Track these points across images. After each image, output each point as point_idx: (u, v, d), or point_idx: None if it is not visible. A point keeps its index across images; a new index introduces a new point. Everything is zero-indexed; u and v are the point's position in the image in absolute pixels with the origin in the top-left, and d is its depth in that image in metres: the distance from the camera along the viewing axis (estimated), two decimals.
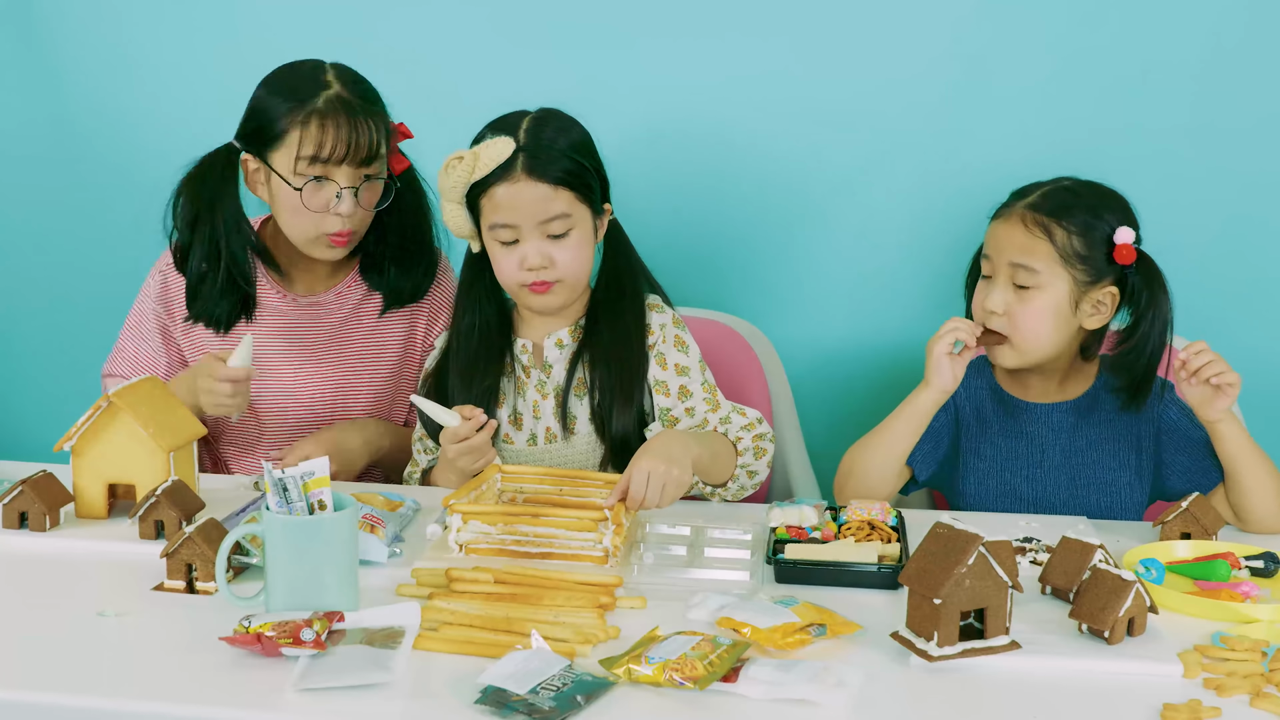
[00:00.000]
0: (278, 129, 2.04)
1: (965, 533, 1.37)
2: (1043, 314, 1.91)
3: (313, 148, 2.02)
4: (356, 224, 2.10)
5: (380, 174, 2.09)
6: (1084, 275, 1.90)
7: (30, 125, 2.71)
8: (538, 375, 2.03)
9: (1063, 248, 1.89)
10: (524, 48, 2.53)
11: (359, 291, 2.22)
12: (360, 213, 2.08)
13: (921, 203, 2.48)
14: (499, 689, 1.26)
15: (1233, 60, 2.36)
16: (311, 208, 2.05)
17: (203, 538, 1.55)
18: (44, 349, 2.82)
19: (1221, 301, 2.40)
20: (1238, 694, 1.31)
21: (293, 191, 2.04)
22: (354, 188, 2.05)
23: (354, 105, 2.03)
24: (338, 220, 2.07)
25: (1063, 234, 1.89)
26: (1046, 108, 2.42)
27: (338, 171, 2.04)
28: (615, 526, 1.62)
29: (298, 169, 2.04)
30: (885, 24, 2.44)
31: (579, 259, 1.96)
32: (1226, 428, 1.85)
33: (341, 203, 2.05)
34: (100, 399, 1.77)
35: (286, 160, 2.04)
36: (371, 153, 2.05)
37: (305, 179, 2.03)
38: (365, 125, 2.03)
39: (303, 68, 2.08)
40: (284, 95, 2.04)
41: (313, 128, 2.01)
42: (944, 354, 1.89)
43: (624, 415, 1.96)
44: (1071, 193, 1.93)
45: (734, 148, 2.51)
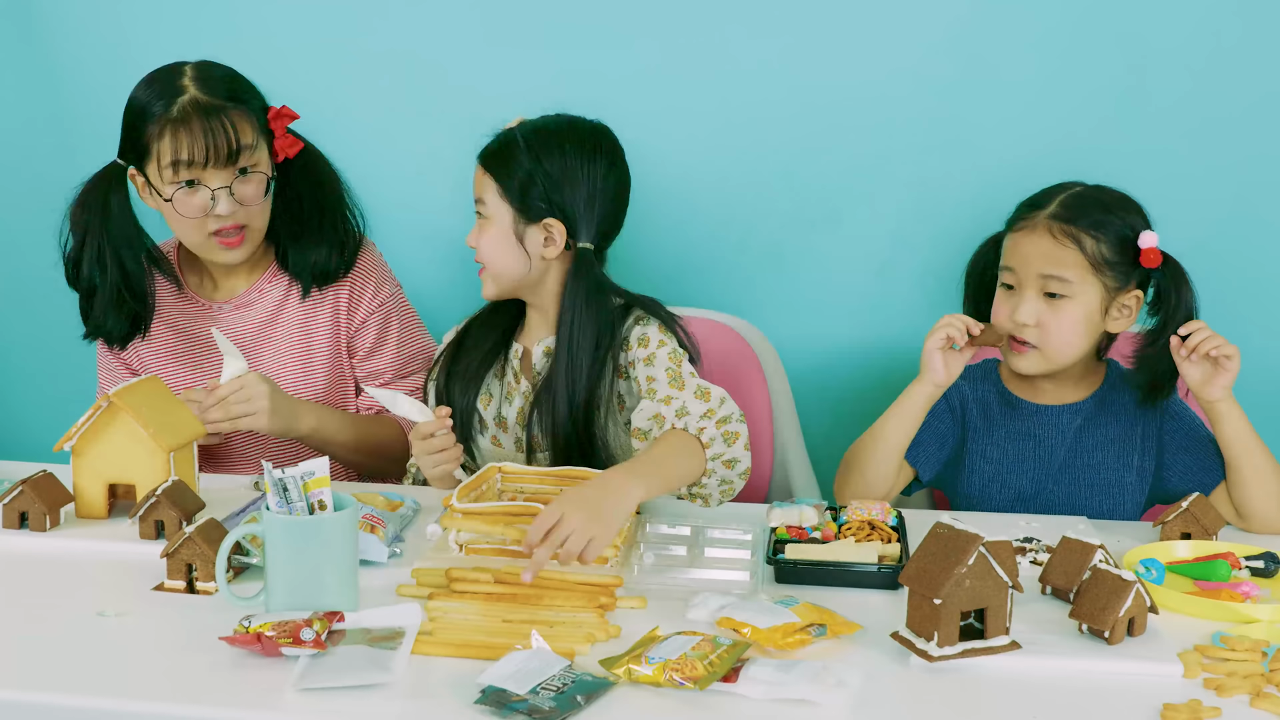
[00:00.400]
0: (143, 142, 2.05)
1: (965, 533, 1.37)
2: (1076, 323, 1.92)
3: (171, 155, 2.02)
4: (246, 219, 2.09)
5: (255, 165, 2.07)
6: (1113, 281, 1.91)
7: (30, 124, 2.71)
8: (526, 384, 2.03)
9: (1093, 255, 1.89)
10: (523, 48, 2.53)
11: (280, 285, 2.22)
12: (244, 209, 2.08)
13: (921, 203, 2.48)
14: (499, 689, 1.26)
15: (1231, 58, 2.36)
16: (187, 214, 2.05)
17: (202, 538, 1.55)
18: (44, 349, 2.82)
19: (1221, 301, 2.39)
20: (1238, 694, 1.31)
21: (167, 204, 2.06)
22: (226, 187, 2.04)
23: (209, 106, 2.02)
24: (220, 222, 2.07)
25: (1092, 242, 1.89)
26: (1045, 108, 2.42)
27: (205, 174, 2.03)
28: None
29: (165, 178, 2.04)
30: (884, 25, 2.44)
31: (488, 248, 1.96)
32: (1228, 408, 1.85)
33: (217, 204, 2.05)
34: (100, 399, 1.77)
35: (155, 170, 2.05)
36: (234, 150, 2.03)
37: (176, 186, 2.04)
38: (223, 124, 2.02)
39: (160, 76, 2.06)
40: (142, 107, 2.04)
41: (168, 137, 2.01)
42: (935, 349, 1.90)
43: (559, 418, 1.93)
44: (1090, 199, 1.93)
45: (734, 149, 2.51)
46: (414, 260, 2.49)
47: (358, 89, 2.58)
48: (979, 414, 2.04)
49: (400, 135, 2.58)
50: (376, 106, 2.58)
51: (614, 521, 1.56)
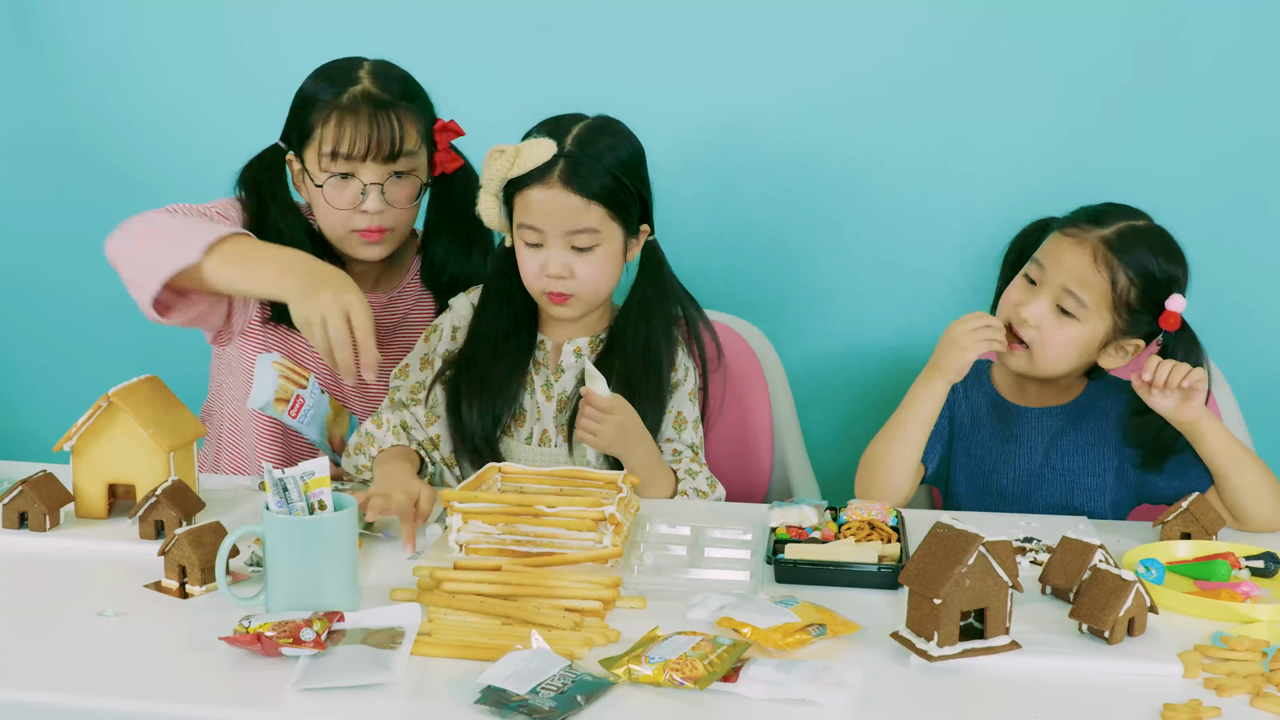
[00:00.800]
0: (307, 126, 2.04)
1: (965, 533, 1.37)
2: (1072, 343, 1.91)
3: (332, 143, 2.01)
4: (390, 221, 2.07)
5: (412, 170, 2.07)
6: (1124, 325, 1.90)
7: (31, 126, 2.71)
8: (546, 375, 2.03)
9: (1120, 293, 1.88)
10: (523, 49, 2.54)
11: (411, 294, 2.21)
12: (392, 210, 2.06)
13: (922, 203, 2.48)
14: (499, 689, 1.26)
15: (1233, 58, 2.36)
16: (335, 205, 2.05)
17: (190, 542, 1.54)
18: (44, 349, 2.82)
19: (1222, 301, 2.40)
20: (1238, 694, 1.31)
21: (318, 190, 2.05)
22: (379, 184, 2.04)
23: (379, 100, 2.02)
24: (365, 217, 2.05)
25: (1125, 281, 1.88)
26: (1048, 110, 2.42)
27: (362, 168, 2.03)
28: (615, 527, 1.62)
29: (322, 165, 2.04)
30: (888, 31, 2.44)
31: (601, 276, 1.95)
32: (1206, 425, 1.85)
33: (367, 199, 2.04)
34: (100, 399, 1.77)
35: (314, 157, 2.04)
36: (395, 149, 2.02)
37: (330, 175, 2.03)
38: (389, 121, 2.01)
39: (336, 66, 2.07)
40: (314, 92, 2.04)
41: (333, 124, 2.01)
42: (976, 355, 1.88)
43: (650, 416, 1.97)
44: (1146, 239, 1.90)
45: (734, 150, 2.51)
46: None
47: None
48: (966, 410, 2.05)
49: None
50: None
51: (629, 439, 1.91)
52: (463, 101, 2.54)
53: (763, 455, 2.30)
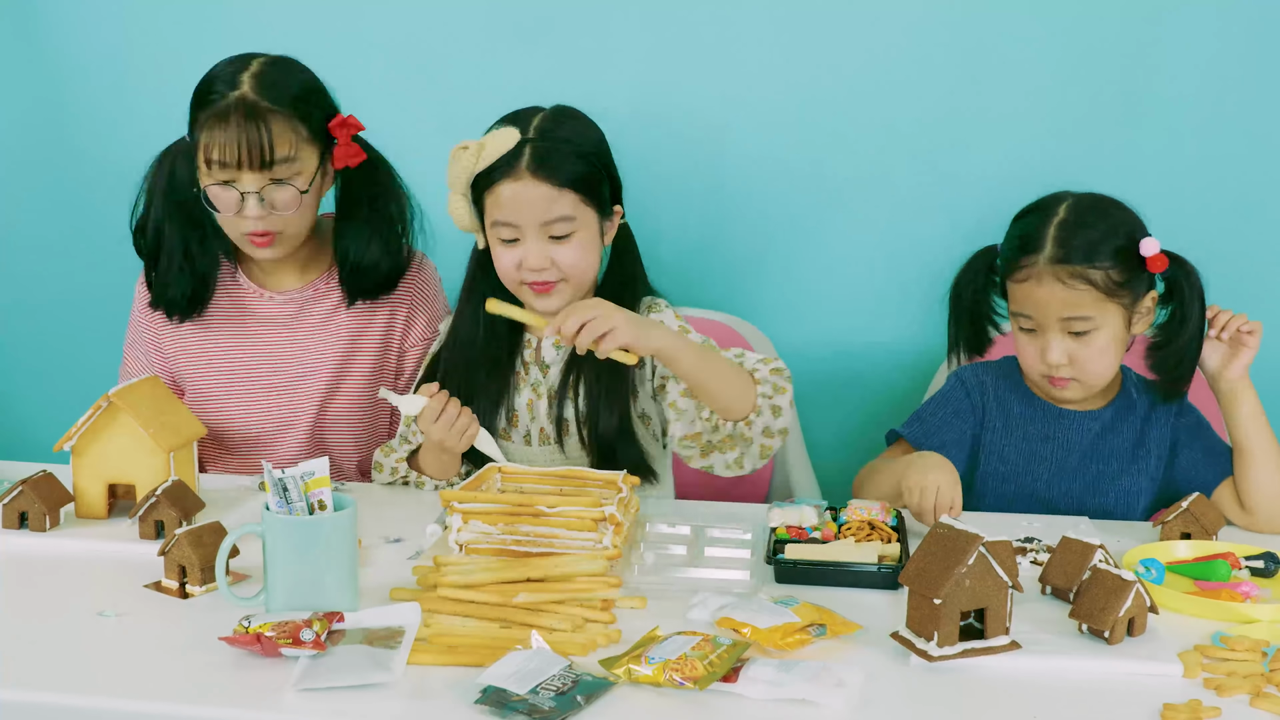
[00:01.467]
0: (193, 129, 2.04)
1: (965, 533, 1.37)
2: (1106, 349, 1.91)
3: (205, 151, 2.00)
4: (277, 225, 2.05)
5: (293, 175, 2.04)
6: (1129, 298, 1.90)
7: (31, 125, 2.71)
8: (535, 373, 2.03)
9: (1105, 286, 1.88)
10: (523, 46, 2.53)
11: (336, 291, 2.20)
12: (277, 214, 2.05)
13: (921, 204, 2.48)
14: (499, 689, 1.26)
15: (1233, 57, 2.36)
16: (219, 209, 2.03)
17: (190, 542, 1.55)
18: (44, 349, 2.82)
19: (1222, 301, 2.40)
20: (1238, 694, 1.31)
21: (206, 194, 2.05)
22: (257, 192, 2.01)
23: (252, 108, 1.99)
24: (249, 222, 2.04)
25: (1101, 275, 1.87)
26: (1047, 108, 2.42)
27: (239, 175, 2.00)
28: (615, 527, 1.62)
29: (204, 170, 2.03)
30: (886, 27, 2.44)
31: (583, 261, 1.94)
32: (1245, 387, 1.88)
33: (246, 206, 2.02)
34: (100, 399, 1.77)
35: (201, 161, 2.04)
36: (267, 158, 2.00)
37: (212, 181, 2.02)
38: (264, 129, 1.99)
39: (224, 69, 2.05)
40: (198, 96, 2.03)
41: (208, 131, 2.00)
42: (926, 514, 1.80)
43: (609, 418, 1.94)
44: (1082, 226, 1.89)
45: (734, 149, 2.51)
46: None
47: (358, 88, 2.58)
48: (999, 413, 2.02)
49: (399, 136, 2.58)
50: (376, 106, 2.58)
51: (640, 324, 1.71)
52: (460, 101, 2.55)
53: None
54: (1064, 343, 1.91)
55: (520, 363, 2.03)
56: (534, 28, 2.52)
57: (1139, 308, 1.93)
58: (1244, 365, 1.87)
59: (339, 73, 2.57)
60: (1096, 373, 1.93)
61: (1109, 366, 1.93)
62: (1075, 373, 1.92)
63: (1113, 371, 1.95)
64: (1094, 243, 1.88)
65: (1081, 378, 1.93)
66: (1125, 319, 1.91)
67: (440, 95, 2.57)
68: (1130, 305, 1.91)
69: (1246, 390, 1.88)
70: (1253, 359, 1.87)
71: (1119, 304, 1.89)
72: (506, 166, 1.89)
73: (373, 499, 1.90)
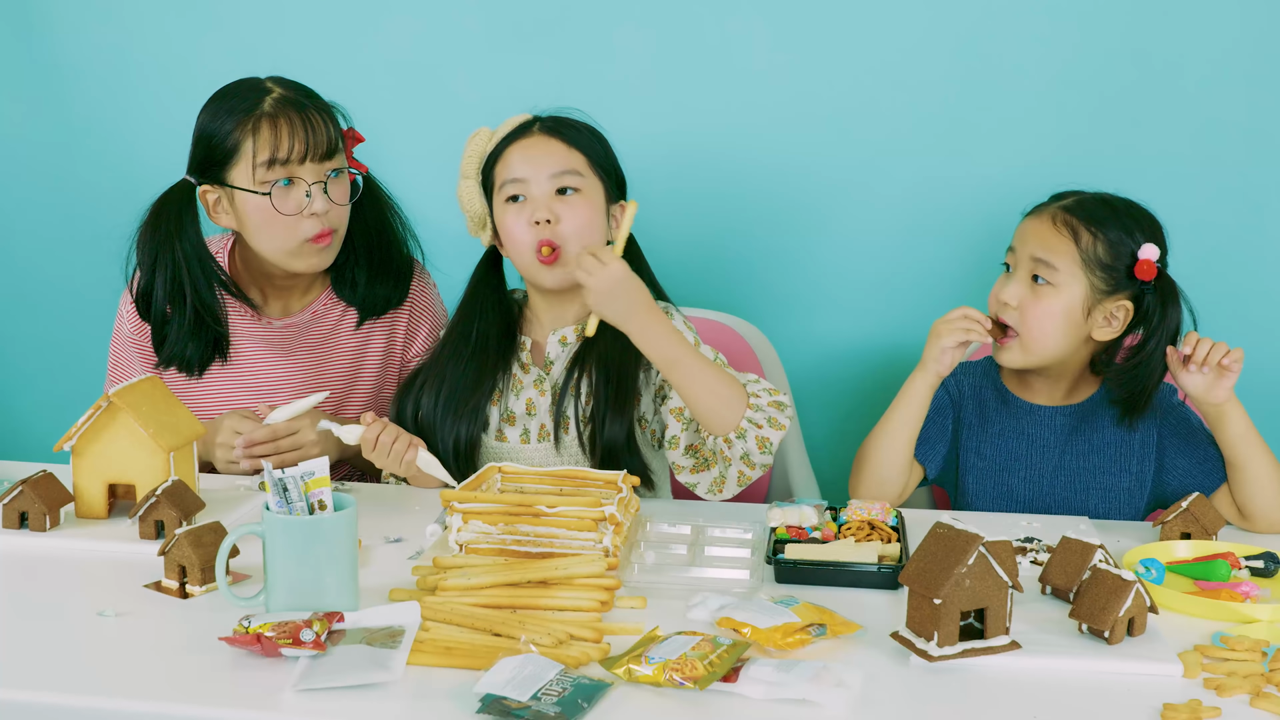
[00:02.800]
0: (229, 145, 2.01)
1: (965, 533, 1.37)
2: (1054, 314, 1.91)
3: (269, 150, 1.99)
4: (334, 221, 2.06)
5: (343, 167, 2.07)
6: (1102, 284, 1.91)
7: (31, 127, 2.71)
8: (537, 372, 2.03)
9: (1086, 251, 1.89)
10: (524, 52, 2.53)
11: (336, 309, 2.19)
12: (335, 209, 2.05)
13: (921, 204, 2.48)
14: (498, 697, 1.25)
15: (1234, 59, 2.36)
16: (285, 211, 2.01)
17: (190, 542, 1.55)
18: (44, 349, 2.82)
19: (1223, 302, 2.40)
20: (1238, 694, 1.31)
21: (262, 202, 2.00)
22: (322, 183, 2.02)
23: (300, 102, 2.02)
24: (314, 221, 2.03)
25: (1088, 237, 1.90)
26: (1048, 110, 2.42)
27: (301, 170, 2.01)
28: (615, 527, 1.62)
29: (259, 177, 2.00)
30: (887, 27, 2.44)
31: (586, 226, 1.93)
32: (1232, 407, 1.85)
33: (313, 200, 2.02)
34: (100, 399, 1.77)
35: (246, 172, 2.01)
36: (331, 145, 2.02)
37: (271, 184, 2.00)
38: (317, 119, 2.01)
39: (238, 85, 2.05)
40: (227, 112, 2.02)
41: (265, 132, 1.99)
42: (952, 347, 1.91)
43: (614, 426, 1.94)
44: (1108, 205, 1.94)
45: (734, 149, 2.51)
46: None
47: (358, 88, 2.58)
48: (974, 409, 2.04)
49: (398, 137, 2.58)
50: (376, 106, 2.58)
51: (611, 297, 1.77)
52: (460, 102, 2.55)
53: None
54: (1022, 287, 1.93)
55: (518, 365, 2.04)
56: (534, 31, 2.53)
57: (1108, 304, 1.92)
58: (1227, 389, 1.83)
59: (339, 78, 2.59)
60: (1036, 333, 1.92)
61: (1050, 336, 1.93)
62: (1017, 323, 1.93)
63: (1055, 345, 1.94)
64: (1105, 216, 1.91)
65: (1021, 331, 1.93)
66: (1086, 301, 1.91)
67: (440, 99, 2.57)
68: (1098, 291, 1.91)
69: (1234, 410, 1.85)
70: (1235, 380, 1.84)
71: (1088, 279, 1.90)
72: (516, 135, 1.96)
73: (373, 499, 1.90)
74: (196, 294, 2.08)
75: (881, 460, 1.95)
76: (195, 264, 2.08)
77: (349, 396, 2.19)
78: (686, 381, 1.80)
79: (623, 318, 1.80)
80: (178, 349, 2.10)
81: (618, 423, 1.94)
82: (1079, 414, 2.00)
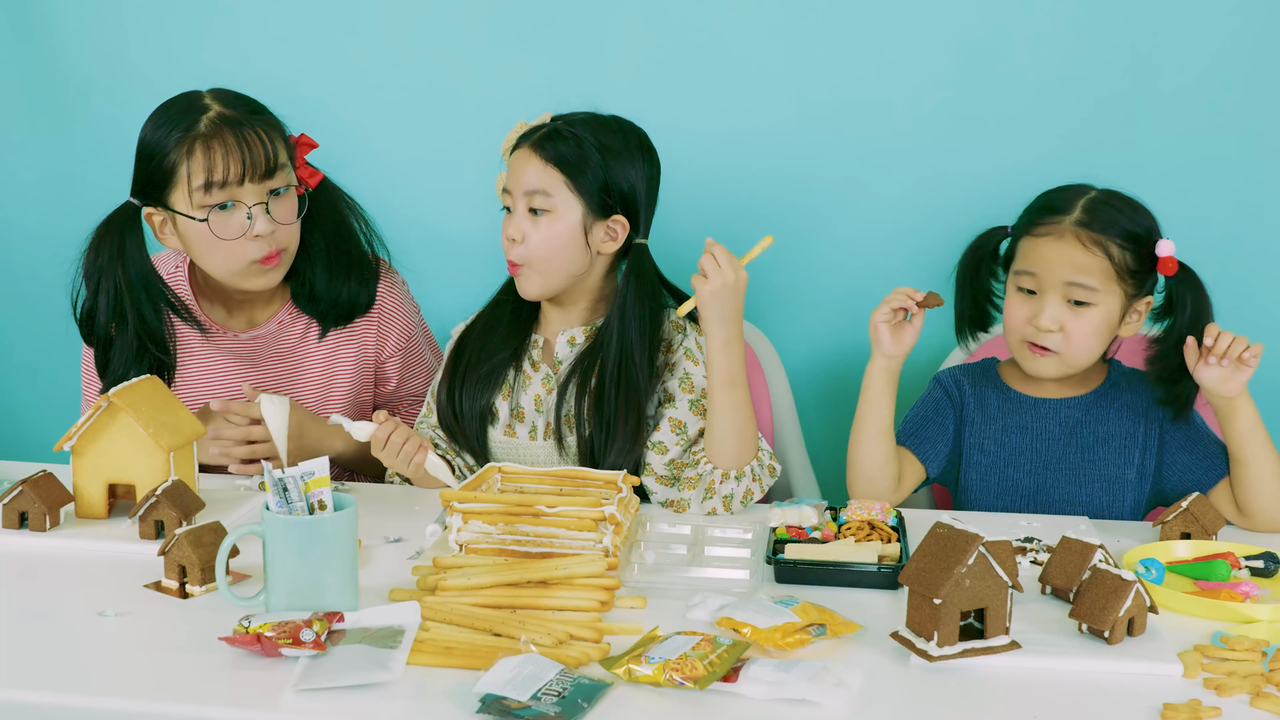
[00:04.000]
0: (166, 167, 1.96)
1: (965, 533, 1.37)
2: (1098, 329, 1.92)
3: (204, 174, 1.93)
4: (281, 241, 2.01)
5: (289, 184, 2.00)
6: (1132, 289, 1.92)
7: (31, 126, 2.71)
8: (545, 370, 2.04)
9: (1119, 264, 1.89)
10: (524, 51, 2.53)
11: (301, 319, 2.16)
12: (281, 229, 1.99)
13: (921, 204, 2.48)
14: (498, 697, 1.25)
15: (1234, 57, 2.36)
16: (226, 236, 1.96)
17: (190, 542, 1.55)
18: (44, 349, 2.82)
19: (1224, 300, 2.39)
20: (1238, 694, 1.31)
21: (201, 227, 1.96)
22: (263, 203, 1.96)
23: (237, 120, 1.95)
24: (260, 243, 1.98)
25: (1118, 250, 1.89)
26: (1047, 109, 2.42)
27: (240, 191, 1.95)
28: (615, 527, 1.62)
29: (197, 201, 1.94)
30: (884, 28, 2.44)
31: (548, 245, 1.94)
32: (1244, 402, 1.85)
33: (254, 223, 1.95)
34: (100, 399, 1.77)
35: (184, 196, 1.95)
36: (270, 164, 1.95)
37: (210, 208, 1.95)
38: (255, 137, 1.95)
39: (176, 102, 2.00)
40: (163, 131, 1.96)
41: (198, 154, 1.93)
42: (881, 322, 1.91)
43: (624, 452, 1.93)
44: (1111, 206, 1.92)
45: (734, 149, 2.51)
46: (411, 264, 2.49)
47: (358, 87, 2.58)
48: (976, 407, 2.04)
49: (399, 139, 2.58)
50: (377, 106, 2.58)
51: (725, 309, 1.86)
52: (460, 101, 2.55)
53: None
54: (1060, 309, 1.92)
55: (529, 362, 2.04)
56: (533, 31, 2.52)
57: (1136, 304, 1.94)
58: (1241, 383, 1.84)
59: (339, 78, 2.59)
60: (1080, 351, 1.93)
61: (1093, 350, 1.94)
62: (1061, 345, 1.93)
63: (1094, 356, 1.95)
64: (1119, 222, 1.90)
65: (1065, 352, 1.93)
66: (1122, 309, 1.92)
67: (440, 98, 2.57)
68: (1130, 296, 1.92)
69: (1245, 405, 1.85)
70: (1251, 375, 1.84)
71: (1123, 289, 1.91)
72: (518, 145, 1.97)
73: (373, 499, 1.90)
74: (140, 319, 2.04)
75: (860, 457, 1.95)
76: (139, 288, 2.03)
77: (325, 404, 2.16)
78: (729, 407, 1.87)
79: (719, 321, 1.86)
80: (120, 373, 2.04)
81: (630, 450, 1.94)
82: (1084, 406, 2.00)
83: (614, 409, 1.93)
